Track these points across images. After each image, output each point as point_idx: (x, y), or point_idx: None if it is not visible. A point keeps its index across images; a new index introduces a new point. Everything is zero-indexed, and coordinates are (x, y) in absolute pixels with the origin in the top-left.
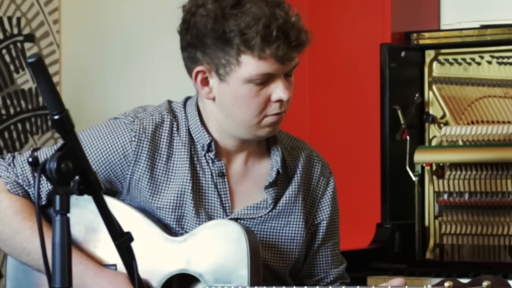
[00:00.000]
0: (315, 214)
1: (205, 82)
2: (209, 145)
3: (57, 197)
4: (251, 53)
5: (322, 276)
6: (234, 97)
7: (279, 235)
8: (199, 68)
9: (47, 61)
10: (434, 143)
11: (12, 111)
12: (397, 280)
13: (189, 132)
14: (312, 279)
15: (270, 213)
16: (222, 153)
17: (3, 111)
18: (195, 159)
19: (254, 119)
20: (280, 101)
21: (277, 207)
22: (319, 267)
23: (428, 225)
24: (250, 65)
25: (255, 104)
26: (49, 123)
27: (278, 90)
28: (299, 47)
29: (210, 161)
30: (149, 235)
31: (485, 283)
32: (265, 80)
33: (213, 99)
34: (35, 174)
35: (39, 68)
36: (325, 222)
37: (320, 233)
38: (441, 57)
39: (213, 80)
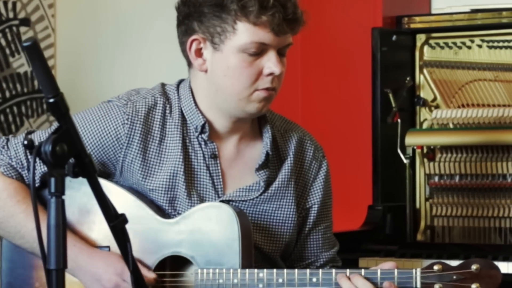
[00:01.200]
0: (307, 198)
1: (199, 53)
2: (202, 127)
3: (52, 180)
4: (247, 19)
5: (313, 259)
6: (227, 67)
7: (271, 218)
8: (194, 36)
9: (42, 45)
10: (425, 126)
11: (7, 94)
12: (388, 264)
13: (182, 114)
14: (302, 262)
15: (262, 196)
16: (214, 135)
17: None
18: (187, 141)
19: (245, 91)
20: (271, 74)
21: (269, 190)
22: (309, 250)
23: (419, 207)
24: (245, 33)
25: (246, 75)
26: (44, 106)
27: (270, 64)
28: (294, 22)
29: (202, 143)
30: (142, 217)
31: (474, 266)
32: (258, 51)
33: (206, 71)
34: (30, 157)
35: (35, 52)
36: (316, 206)
37: (311, 217)
38: (432, 41)
39: (207, 51)
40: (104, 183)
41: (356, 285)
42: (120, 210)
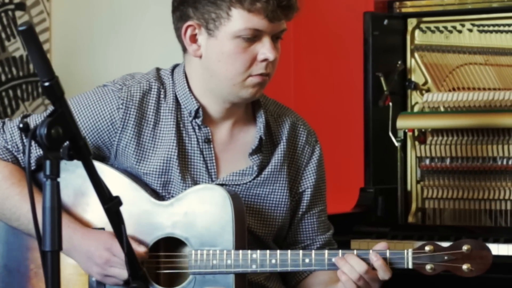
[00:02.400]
0: (300, 182)
1: (194, 39)
2: (196, 111)
3: (48, 162)
4: (241, 6)
5: (308, 242)
6: (221, 53)
7: (264, 202)
8: (189, 23)
9: (37, 29)
10: (416, 109)
11: (3, 78)
12: (380, 245)
13: (176, 98)
14: (298, 246)
15: (255, 180)
16: (208, 120)
17: None
18: (181, 125)
19: (239, 77)
20: (265, 60)
21: (263, 175)
22: (304, 234)
23: (411, 190)
24: (239, 19)
25: (240, 61)
26: (40, 89)
27: (264, 50)
28: (288, 9)
29: (196, 128)
30: (136, 199)
31: (465, 247)
32: (252, 37)
33: (200, 56)
34: (25, 140)
35: (30, 36)
36: (309, 190)
37: (305, 201)
38: (423, 25)
39: (202, 37)
40: (99, 166)
41: (350, 263)
42: (114, 192)
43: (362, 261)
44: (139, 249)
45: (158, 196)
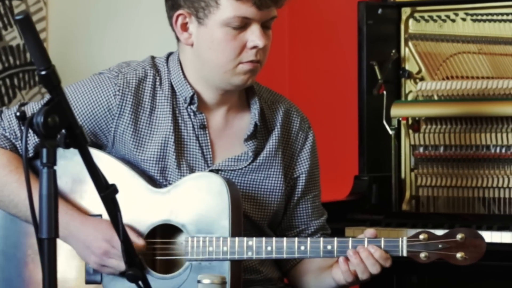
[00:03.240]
0: (294, 168)
1: (185, 27)
2: (191, 98)
3: (44, 150)
4: None
5: (302, 228)
6: (211, 41)
7: (259, 187)
8: (180, 11)
9: (34, 18)
10: (410, 97)
11: (0, 66)
12: (368, 232)
13: (172, 86)
14: (293, 231)
15: (250, 166)
16: (203, 106)
17: None
18: (177, 112)
19: (229, 64)
20: (255, 47)
21: (257, 160)
22: (299, 219)
23: (404, 178)
24: (228, 8)
25: (230, 48)
26: (36, 78)
27: (254, 37)
28: None
29: (191, 114)
30: (133, 187)
31: (459, 236)
32: (242, 25)
33: (192, 44)
34: (22, 128)
35: (27, 25)
36: (304, 175)
37: (299, 187)
38: (417, 14)
39: (192, 25)
40: (96, 153)
41: (362, 256)
42: (111, 180)
43: (373, 259)
44: (138, 241)
45: (155, 183)
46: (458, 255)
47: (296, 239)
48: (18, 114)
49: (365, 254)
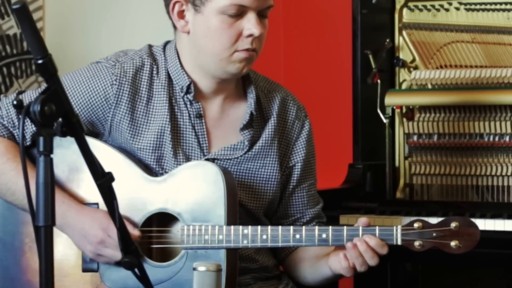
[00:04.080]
0: (290, 156)
1: (181, 15)
2: (188, 87)
3: (41, 139)
4: None
5: (298, 216)
6: (207, 28)
7: (255, 176)
8: None
9: (31, 7)
10: (404, 86)
11: None
12: (361, 221)
13: (168, 74)
14: (288, 219)
15: (246, 155)
16: (200, 95)
17: None
18: (174, 101)
19: (225, 52)
20: (251, 36)
21: (253, 149)
22: (295, 207)
23: (398, 166)
24: None
25: (226, 36)
26: (33, 67)
27: (250, 25)
28: None
29: (188, 103)
30: (129, 175)
31: (453, 224)
32: (238, 13)
33: (188, 32)
34: (20, 116)
35: (24, 14)
36: (299, 164)
37: (295, 175)
38: (411, 4)
39: (189, 13)
40: (93, 142)
41: (360, 249)
42: (108, 168)
43: (373, 252)
44: (133, 232)
45: (151, 172)
46: (452, 243)
47: (291, 227)
48: (15, 102)
49: (364, 247)
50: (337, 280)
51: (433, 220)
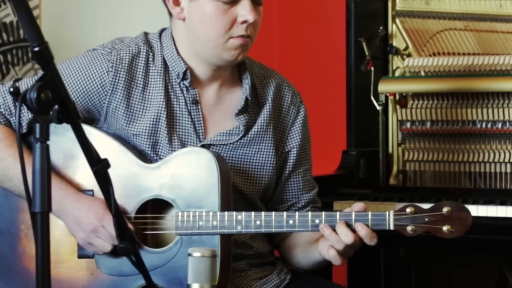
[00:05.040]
0: (286, 142)
1: (177, 2)
2: (184, 73)
3: (37, 126)
4: None
5: (293, 201)
6: (202, 15)
7: (250, 161)
8: None
9: None
10: (397, 73)
11: None
12: (358, 205)
13: (165, 61)
14: (284, 204)
15: (242, 140)
16: (196, 82)
17: None
18: (170, 87)
19: (220, 39)
20: (245, 22)
21: (249, 135)
22: (290, 192)
23: (392, 152)
24: None
25: (221, 23)
26: (30, 54)
27: (244, 12)
28: None
29: (184, 89)
30: (124, 162)
31: (445, 209)
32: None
33: (184, 19)
34: (16, 104)
35: (20, 2)
36: (295, 149)
37: (291, 160)
38: None
39: (184, 0)
40: (88, 129)
41: (338, 232)
42: (103, 155)
43: (350, 232)
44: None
45: (146, 158)
46: (445, 228)
47: (285, 213)
48: (12, 90)
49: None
50: (328, 264)
51: (426, 206)
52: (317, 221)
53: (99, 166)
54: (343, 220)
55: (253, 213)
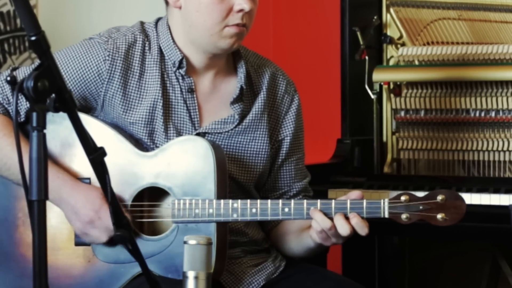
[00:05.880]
0: (279, 130)
1: None
2: (180, 62)
3: (34, 114)
4: None
5: (285, 189)
6: (199, 3)
7: (245, 149)
8: None
9: None
10: (391, 62)
11: None
12: (355, 193)
13: (161, 50)
14: (276, 192)
15: (236, 128)
16: (191, 70)
17: None
18: (166, 76)
19: (216, 27)
20: (241, 11)
21: (243, 123)
22: (283, 180)
23: (386, 141)
24: None
25: (217, 11)
26: (27, 44)
27: (240, 0)
28: None
29: (180, 78)
30: (121, 150)
31: (439, 197)
32: None
33: (180, 7)
34: (14, 92)
35: None
36: (288, 138)
37: (284, 149)
38: None
39: None
40: (85, 118)
41: (335, 222)
42: (99, 143)
43: (326, 218)
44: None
45: (142, 146)
46: (439, 216)
47: (280, 201)
48: (9, 79)
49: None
50: (320, 250)
51: (420, 194)
52: (312, 209)
53: (96, 155)
54: (341, 213)
55: (248, 201)
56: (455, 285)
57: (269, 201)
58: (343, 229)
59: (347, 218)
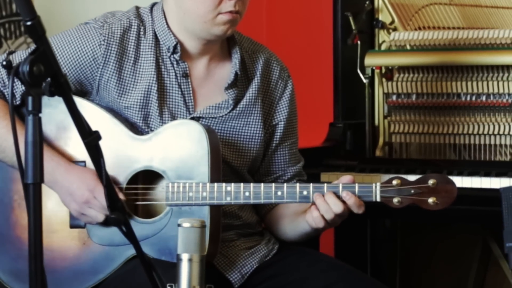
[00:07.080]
0: (273, 115)
1: None
2: (174, 47)
3: (30, 98)
4: None
5: (279, 173)
6: None
7: (239, 134)
8: None
9: None
10: (383, 47)
11: None
12: (346, 178)
13: (155, 35)
14: (270, 177)
15: (231, 113)
16: (186, 55)
17: None
18: (160, 61)
19: (209, 14)
20: None
21: (237, 108)
22: (277, 165)
23: (378, 125)
24: None
25: None
26: (22, 28)
27: None
28: None
29: (174, 63)
30: (115, 134)
31: (431, 181)
32: None
33: None
34: (10, 76)
35: None
36: (282, 123)
37: (278, 134)
38: None
39: None
40: (80, 101)
41: (328, 201)
42: (94, 127)
43: (339, 202)
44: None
45: (137, 130)
46: (430, 200)
47: (273, 184)
48: (4, 63)
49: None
50: (315, 235)
51: (412, 178)
52: (305, 192)
53: (90, 138)
54: (331, 190)
55: (242, 184)
56: (446, 267)
57: (262, 184)
58: (336, 207)
59: (338, 197)
